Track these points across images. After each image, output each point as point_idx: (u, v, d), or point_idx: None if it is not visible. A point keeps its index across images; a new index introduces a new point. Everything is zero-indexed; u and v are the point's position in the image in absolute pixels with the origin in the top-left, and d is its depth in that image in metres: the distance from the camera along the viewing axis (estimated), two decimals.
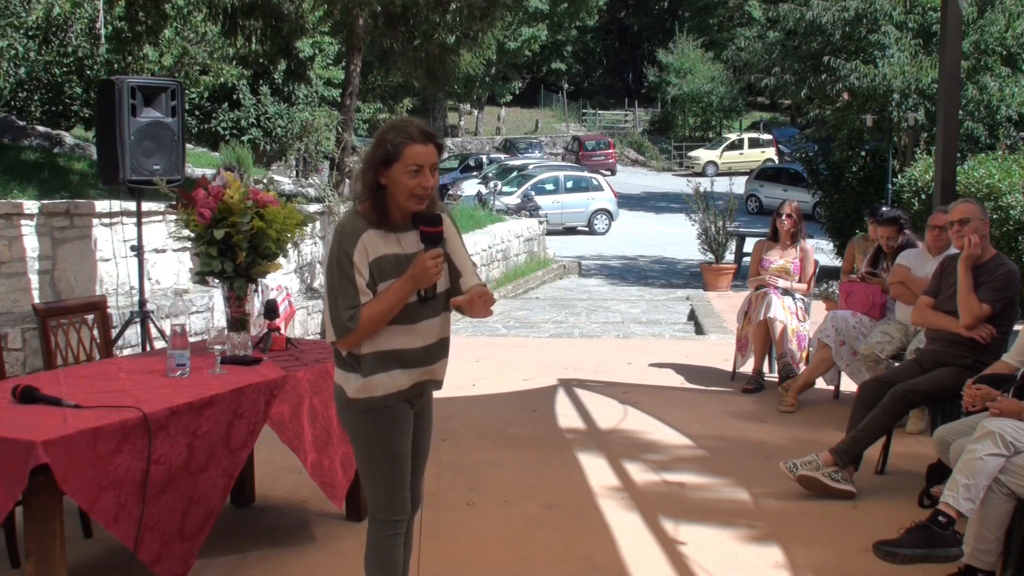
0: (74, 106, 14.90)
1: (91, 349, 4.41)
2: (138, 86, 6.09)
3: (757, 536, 4.13)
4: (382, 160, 2.77)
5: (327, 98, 21.51)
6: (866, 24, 15.98)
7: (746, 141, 40.69)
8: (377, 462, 2.90)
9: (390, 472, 2.89)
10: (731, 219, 14.47)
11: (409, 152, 2.74)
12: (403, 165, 2.75)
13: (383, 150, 2.76)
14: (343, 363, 2.88)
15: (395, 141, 2.76)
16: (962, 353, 4.64)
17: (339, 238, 2.80)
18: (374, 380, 2.83)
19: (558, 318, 11.49)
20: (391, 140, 2.77)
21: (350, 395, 2.87)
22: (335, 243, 2.80)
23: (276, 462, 4.79)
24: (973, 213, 4.61)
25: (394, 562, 2.93)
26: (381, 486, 2.90)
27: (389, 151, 2.75)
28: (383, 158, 2.76)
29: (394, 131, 2.79)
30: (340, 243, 2.78)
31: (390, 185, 2.78)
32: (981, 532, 3.39)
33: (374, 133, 2.86)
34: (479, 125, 45.66)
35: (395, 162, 2.75)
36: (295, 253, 9.32)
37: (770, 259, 6.98)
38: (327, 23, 16.79)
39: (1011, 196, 9.75)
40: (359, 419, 2.89)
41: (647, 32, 52.40)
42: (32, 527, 2.83)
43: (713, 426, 5.90)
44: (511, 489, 4.70)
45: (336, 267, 2.77)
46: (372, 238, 2.80)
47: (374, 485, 2.92)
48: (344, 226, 2.82)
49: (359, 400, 2.86)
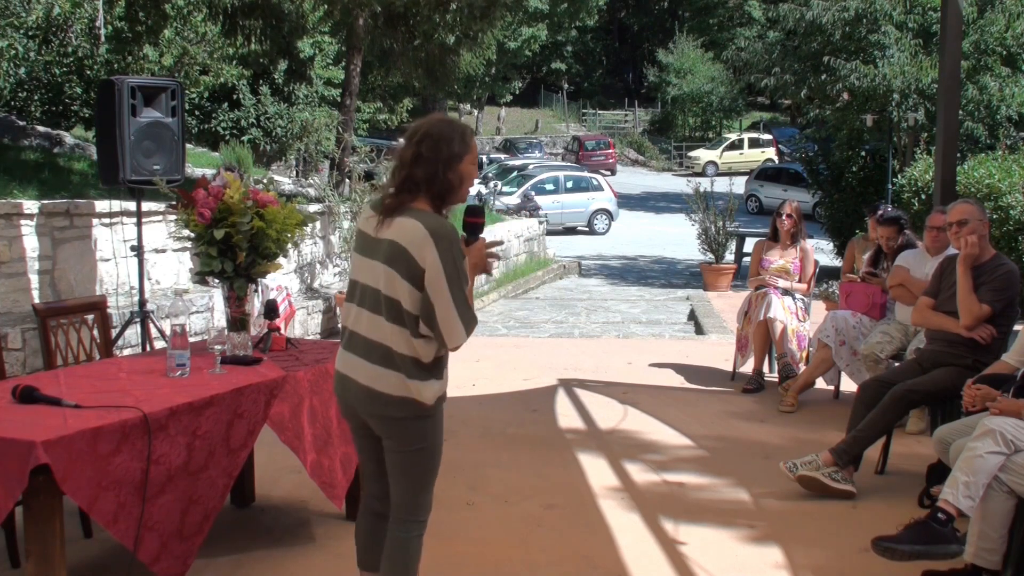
0: (74, 106, 14.90)
1: (91, 349, 4.41)
2: (138, 86, 6.09)
3: (757, 536, 4.13)
4: (454, 157, 2.80)
5: (327, 98, 21.50)
6: (866, 24, 15.97)
7: (746, 141, 40.68)
8: (434, 463, 2.94)
9: (437, 469, 2.97)
10: (731, 219, 14.47)
11: (474, 145, 2.86)
12: (471, 158, 2.84)
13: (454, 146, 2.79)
14: (424, 371, 2.81)
15: (464, 136, 2.83)
16: (962, 353, 4.64)
17: (453, 243, 2.75)
18: (446, 379, 2.90)
19: (558, 318, 11.50)
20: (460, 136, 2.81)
21: (431, 401, 2.84)
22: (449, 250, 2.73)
23: (276, 462, 4.79)
24: (971, 214, 4.61)
25: (419, 558, 2.99)
26: (428, 485, 2.95)
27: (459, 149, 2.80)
28: (454, 155, 2.80)
29: (455, 127, 2.84)
30: (456, 249, 2.76)
31: (456, 180, 2.82)
32: (984, 531, 3.39)
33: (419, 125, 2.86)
34: (479, 125, 45.65)
35: (465, 156, 2.82)
36: (295, 253, 9.32)
37: (770, 259, 6.98)
38: (327, 23, 16.80)
39: (1011, 196, 9.75)
40: (437, 423, 2.90)
41: (647, 32, 52.41)
42: (32, 527, 2.82)
43: (713, 426, 5.90)
44: (511, 489, 4.70)
45: (460, 274, 2.74)
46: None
47: (421, 485, 2.94)
48: (448, 229, 2.76)
49: (437, 403, 2.87)
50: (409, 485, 2.93)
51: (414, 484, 2.93)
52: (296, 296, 9.21)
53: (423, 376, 2.80)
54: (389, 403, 2.83)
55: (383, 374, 2.82)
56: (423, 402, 2.81)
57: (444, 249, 2.72)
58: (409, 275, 2.74)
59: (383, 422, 2.89)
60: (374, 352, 2.83)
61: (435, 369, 2.83)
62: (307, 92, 20.09)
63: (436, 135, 2.79)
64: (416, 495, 2.94)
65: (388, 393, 2.82)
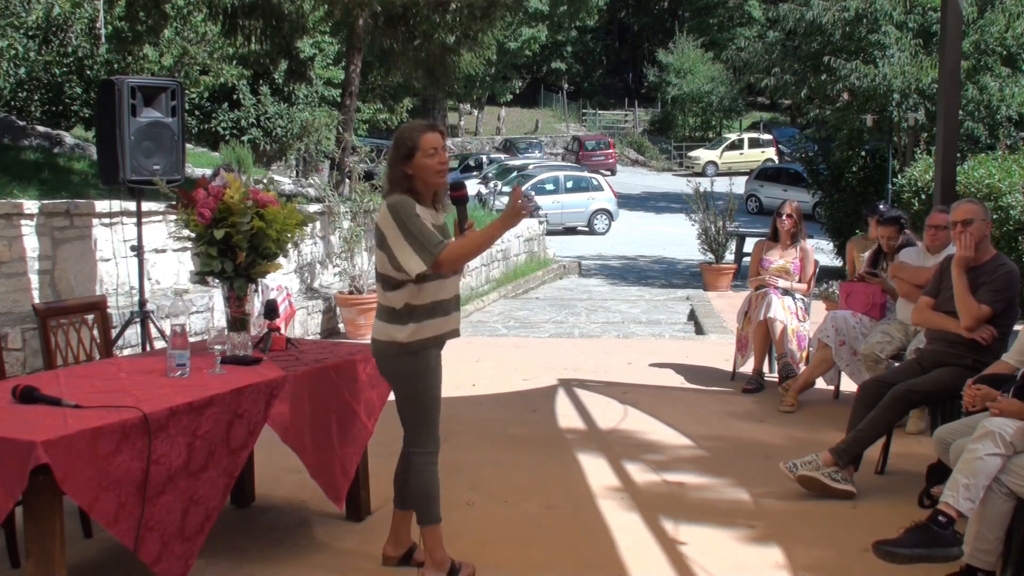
0: (74, 106, 14.91)
1: (91, 349, 4.40)
2: (138, 86, 6.09)
3: (757, 536, 4.13)
4: (406, 155, 3.41)
5: (327, 98, 21.51)
6: (866, 24, 15.97)
7: (746, 141, 40.68)
8: (427, 399, 3.49)
9: (434, 407, 3.51)
10: (731, 219, 14.47)
11: (424, 140, 3.40)
12: (423, 152, 3.40)
13: (404, 147, 3.41)
14: (395, 316, 3.43)
15: (411, 136, 3.41)
16: (962, 353, 4.64)
17: (399, 206, 3.37)
18: (426, 324, 3.44)
19: (558, 318, 11.50)
20: (407, 137, 3.42)
21: (403, 340, 3.41)
22: (396, 209, 3.36)
23: (276, 462, 4.79)
24: (976, 214, 4.60)
25: (437, 487, 3.53)
26: (425, 420, 3.50)
27: (409, 146, 3.40)
28: (406, 153, 3.41)
29: (404, 132, 3.46)
30: (403, 208, 3.36)
31: (417, 172, 3.41)
32: (981, 532, 3.39)
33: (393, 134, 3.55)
34: (479, 125, 45.67)
35: (416, 151, 3.40)
36: (295, 253, 9.32)
37: (770, 259, 6.99)
38: (327, 23, 16.80)
39: (1011, 196, 9.75)
40: (411, 362, 3.45)
41: (647, 32, 52.41)
42: (32, 527, 2.82)
43: (713, 426, 5.90)
44: (511, 489, 4.70)
45: (406, 220, 3.33)
46: (422, 209, 3.42)
47: (419, 420, 3.50)
48: (399, 199, 3.39)
49: (413, 343, 3.43)
50: (407, 420, 3.52)
51: (411, 419, 3.51)
52: (296, 296, 9.21)
53: (395, 320, 3.44)
54: (376, 345, 3.52)
55: (376, 324, 3.54)
56: (399, 340, 3.42)
57: (394, 211, 3.37)
58: (384, 247, 3.41)
59: (379, 363, 3.57)
60: (378, 310, 3.56)
61: (409, 315, 3.42)
62: (307, 92, 20.10)
63: (395, 142, 3.45)
64: (417, 430, 3.51)
65: (377, 337, 3.52)
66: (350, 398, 4.02)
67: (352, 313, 9.32)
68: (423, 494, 3.52)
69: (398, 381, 3.51)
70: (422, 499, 3.53)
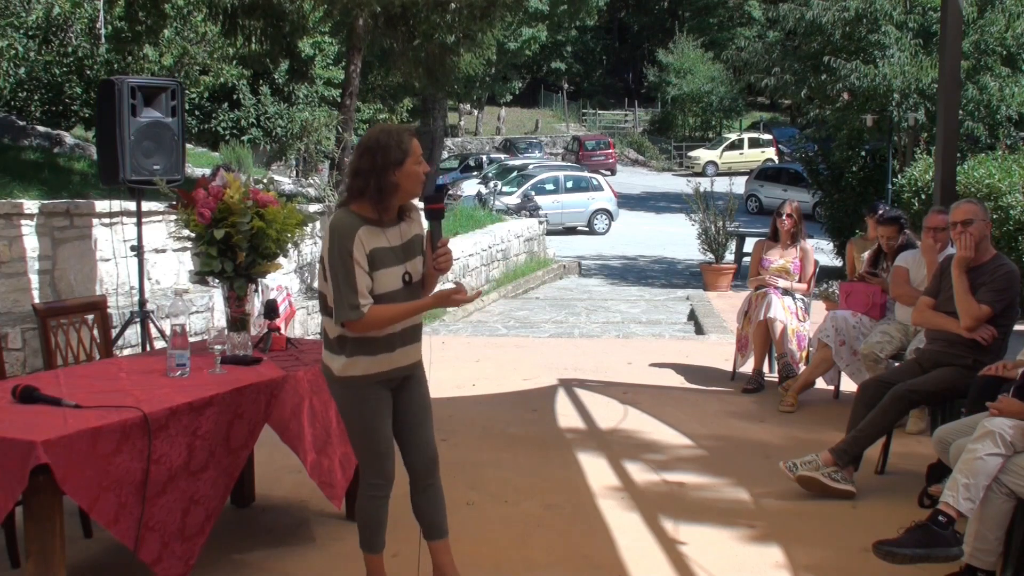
0: (74, 106, 14.90)
1: (91, 349, 4.41)
2: (138, 86, 6.09)
3: (757, 536, 4.13)
4: (396, 161, 3.08)
5: (327, 98, 21.50)
6: (866, 24, 15.96)
7: (746, 141, 40.68)
8: (357, 432, 3.27)
9: (368, 442, 3.25)
10: (731, 219, 14.48)
11: (415, 146, 3.13)
12: (414, 158, 3.12)
13: (396, 152, 3.08)
14: (330, 345, 3.21)
15: (400, 141, 3.10)
16: (962, 353, 4.64)
17: (337, 235, 3.06)
18: (358, 361, 3.16)
19: (558, 318, 11.49)
20: (396, 142, 3.09)
21: (336, 371, 3.20)
22: (333, 239, 3.06)
23: (276, 462, 4.79)
24: (976, 214, 4.60)
25: (377, 521, 3.31)
26: (363, 453, 3.29)
27: (403, 149, 3.09)
28: (398, 159, 3.08)
29: (391, 135, 3.11)
30: (339, 240, 3.06)
31: (403, 180, 3.11)
32: (981, 532, 3.39)
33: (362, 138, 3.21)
34: (479, 125, 45.65)
35: (407, 158, 3.10)
36: (295, 253, 9.32)
37: (770, 259, 6.98)
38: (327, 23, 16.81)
39: (1011, 196, 9.75)
40: (342, 394, 3.24)
41: (647, 32, 52.38)
42: (32, 527, 2.82)
43: (713, 426, 5.90)
44: (511, 489, 4.70)
45: (338, 261, 3.05)
46: (366, 233, 3.09)
47: (358, 452, 3.32)
48: (339, 223, 3.08)
49: (343, 378, 3.20)
50: (353, 447, 3.36)
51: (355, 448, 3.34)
52: (296, 296, 9.21)
53: (332, 350, 3.21)
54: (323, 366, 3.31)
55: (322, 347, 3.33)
56: (333, 371, 3.21)
57: (332, 242, 3.07)
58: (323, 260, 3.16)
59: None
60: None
61: (343, 348, 3.16)
62: (307, 92, 20.10)
63: (373, 146, 3.10)
64: (360, 459, 3.32)
65: (322, 358, 3.31)
66: None
67: None
68: (360, 524, 3.33)
69: (337, 408, 3.36)
70: (360, 529, 3.33)
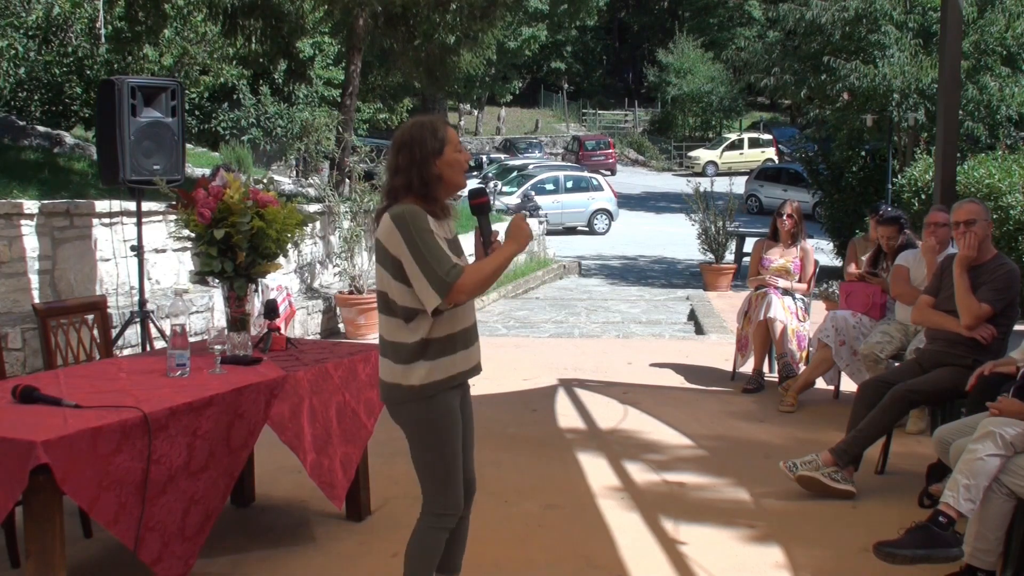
0: (74, 106, 14.89)
1: (91, 349, 4.41)
2: (138, 86, 6.09)
3: (757, 536, 4.13)
4: (435, 151, 2.93)
5: (327, 98, 21.50)
6: (866, 24, 15.96)
7: (746, 141, 40.67)
8: (437, 456, 2.97)
9: (449, 466, 2.98)
10: (731, 219, 14.47)
11: (451, 134, 2.99)
12: (453, 146, 2.97)
13: (433, 142, 2.93)
14: (407, 356, 2.92)
15: (435, 130, 2.96)
16: (962, 353, 4.64)
17: (407, 219, 2.86)
18: (441, 363, 2.93)
19: (558, 318, 11.49)
20: (431, 132, 2.95)
21: (417, 383, 2.91)
22: (404, 224, 2.85)
23: (276, 462, 4.79)
24: (978, 214, 4.61)
25: (435, 557, 3.02)
26: (438, 482, 2.99)
27: (440, 138, 2.95)
28: (436, 148, 2.93)
29: (425, 126, 2.97)
30: (412, 221, 2.86)
31: (445, 169, 2.95)
32: (981, 532, 3.39)
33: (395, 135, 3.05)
34: (479, 125, 45.65)
35: (446, 146, 2.95)
36: (295, 253, 9.32)
37: (770, 259, 6.99)
38: (327, 23, 16.80)
39: (1011, 196, 9.75)
40: (425, 410, 2.94)
41: (647, 32, 52.38)
42: (32, 527, 2.82)
43: (713, 426, 5.90)
44: (511, 489, 4.70)
45: (418, 240, 2.84)
46: (435, 223, 2.93)
47: (431, 480, 2.99)
48: (405, 210, 2.88)
49: (428, 385, 2.92)
50: (421, 476, 3.02)
51: (426, 475, 3.00)
52: (296, 296, 9.21)
53: (406, 359, 2.92)
54: (385, 388, 3.01)
55: (383, 363, 3.02)
56: (409, 384, 2.92)
57: (403, 228, 2.85)
58: (388, 265, 2.91)
59: (389, 409, 3.04)
60: (382, 346, 3.02)
61: (423, 351, 2.92)
62: (307, 92, 20.10)
63: (409, 141, 2.95)
64: (431, 488, 3.00)
65: (384, 380, 3.01)
66: (350, 398, 4.02)
67: (352, 313, 9.32)
68: (415, 559, 3.00)
69: (412, 430, 2.99)
70: (413, 563, 3.01)
